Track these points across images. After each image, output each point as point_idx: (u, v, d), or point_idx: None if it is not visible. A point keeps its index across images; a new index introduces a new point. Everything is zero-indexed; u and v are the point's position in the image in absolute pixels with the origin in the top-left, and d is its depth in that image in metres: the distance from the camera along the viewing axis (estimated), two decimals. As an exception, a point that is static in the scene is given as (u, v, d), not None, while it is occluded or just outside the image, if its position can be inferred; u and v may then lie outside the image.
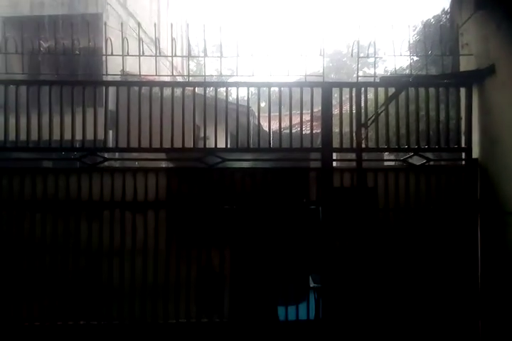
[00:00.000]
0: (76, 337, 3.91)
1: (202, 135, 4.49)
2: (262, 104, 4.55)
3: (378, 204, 4.07)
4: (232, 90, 4.50)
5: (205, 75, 4.32)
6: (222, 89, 4.37)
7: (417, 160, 4.15)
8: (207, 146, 4.29)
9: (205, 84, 4.25)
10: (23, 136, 4.04)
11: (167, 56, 4.64)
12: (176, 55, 4.57)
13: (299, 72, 4.33)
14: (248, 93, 4.49)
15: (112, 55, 4.21)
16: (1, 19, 8.98)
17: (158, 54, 4.23)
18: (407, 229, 4.05)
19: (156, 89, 4.19)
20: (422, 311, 4.00)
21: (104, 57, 4.46)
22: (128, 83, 4.18)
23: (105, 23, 7.99)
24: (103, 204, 4.01)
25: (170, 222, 4.06)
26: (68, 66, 4.40)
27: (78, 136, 4.11)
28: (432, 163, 4.13)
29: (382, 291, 3.99)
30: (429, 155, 4.18)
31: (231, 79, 4.32)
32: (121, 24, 4.78)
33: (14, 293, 3.92)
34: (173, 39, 4.33)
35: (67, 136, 4.10)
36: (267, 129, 4.44)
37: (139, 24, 5.28)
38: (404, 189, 4.08)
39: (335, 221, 3.99)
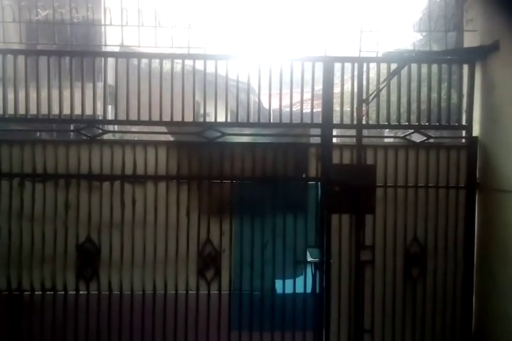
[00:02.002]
0: (80, 305, 3.97)
1: (202, 112, 4.46)
2: (263, 81, 4.51)
3: (376, 180, 4.07)
4: (233, 65, 4.46)
5: (205, 48, 4.24)
6: (223, 65, 4.31)
7: (417, 138, 4.16)
8: (200, 120, 4.25)
9: (205, 57, 4.18)
10: (21, 110, 3.99)
11: (167, 27, 4.54)
12: (176, 26, 4.47)
13: (301, 48, 4.29)
14: (249, 69, 4.43)
15: (110, 24, 4.13)
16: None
17: (158, 25, 4.15)
18: (404, 206, 4.09)
19: (156, 63, 4.13)
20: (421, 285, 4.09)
21: (102, 29, 4.39)
22: (127, 54, 4.12)
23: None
24: (103, 177, 4.00)
25: (169, 195, 4.05)
26: (66, 37, 4.31)
27: (77, 109, 4.07)
28: (432, 140, 4.14)
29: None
30: (430, 132, 4.18)
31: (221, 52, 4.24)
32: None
33: (12, 260, 3.94)
34: (157, 11, 4.21)
35: (66, 108, 4.06)
36: (267, 106, 4.41)
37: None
38: (404, 166, 4.10)
39: (333, 196, 4.00)
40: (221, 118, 4.24)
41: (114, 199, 4.02)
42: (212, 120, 4.14)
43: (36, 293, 3.95)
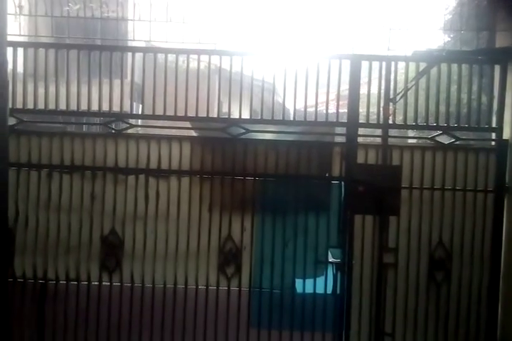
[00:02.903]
0: (103, 296, 4.03)
1: (226, 108, 4.47)
2: (288, 79, 4.49)
3: (401, 182, 4.01)
4: (258, 63, 4.45)
5: (215, 43, 4.23)
6: (248, 62, 4.30)
7: (445, 139, 4.07)
8: (224, 116, 4.25)
9: (231, 53, 4.18)
10: (51, 103, 4.08)
11: (193, 23, 4.57)
12: (202, 22, 4.50)
13: (328, 46, 4.26)
14: (275, 67, 4.42)
15: (139, 20, 4.19)
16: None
17: (169, 20, 4.18)
18: (430, 209, 4.01)
19: (182, 59, 4.16)
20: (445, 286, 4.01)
21: (130, 24, 4.45)
22: (154, 49, 4.17)
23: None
24: (128, 170, 4.05)
25: (193, 190, 4.08)
26: (95, 31, 4.39)
27: (105, 104, 4.14)
28: (460, 142, 4.05)
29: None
30: (458, 134, 4.09)
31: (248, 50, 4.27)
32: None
33: (38, 249, 4.02)
34: (185, 7, 4.26)
35: (94, 103, 4.13)
36: (292, 104, 4.40)
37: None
38: (431, 168, 4.02)
39: (357, 197, 3.96)
40: (245, 116, 4.25)
41: (139, 192, 4.07)
42: (237, 117, 4.14)
43: (60, 282, 4.03)
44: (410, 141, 4.76)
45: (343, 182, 4.04)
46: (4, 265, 3.59)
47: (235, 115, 4.19)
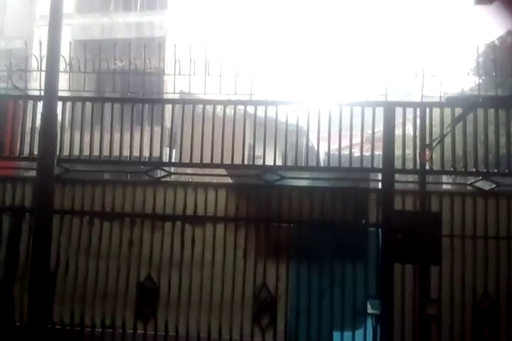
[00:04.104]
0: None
1: (261, 156, 4.55)
2: (322, 125, 4.55)
3: (442, 229, 3.89)
4: (291, 110, 4.57)
5: (251, 93, 4.38)
6: (279, 108, 4.41)
7: (485, 185, 3.96)
8: (259, 164, 4.33)
9: (266, 103, 4.32)
10: (95, 152, 4.30)
11: (215, 75, 4.77)
12: (224, 74, 4.70)
13: (362, 91, 4.32)
14: (309, 112, 4.51)
15: (179, 74, 4.43)
16: (73, 42, 9.73)
17: (207, 74, 4.40)
18: (473, 258, 3.84)
19: (218, 109, 4.33)
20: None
21: (161, 77, 4.71)
22: (192, 101, 4.36)
23: (160, 45, 8.43)
24: (165, 217, 4.14)
25: (228, 237, 4.10)
26: (130, 85, 4.64)
27: (141, 152, 4.32)
28: (501, 188, 3.93)
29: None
30: (499, 179, 3.97)
31: (281, 98, 4.41)
32: (175, 46, 5.03)
33: (76, 295, 4.09)
34: (222, 60, 4.50)
35: (135, 151, 4.31)
36: (325, 150, 4.44)
37: (189, 46, 5.48)
38: (472, 215, 3.89)
39: (395, 245, 3.85)
40: (280, 163, 4.31)
41: (175, 239, 4.12)
42: (266, 162, 4.20)
43: (96, 329, 4.05)
44: (449, 186, 4.64)
45: (380, 230, 3.96)
46: (45, 311, 3.66)
47: (270, 162, 4.26)
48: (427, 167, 3.98)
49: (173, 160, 4.44)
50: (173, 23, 10.33)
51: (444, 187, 4.49)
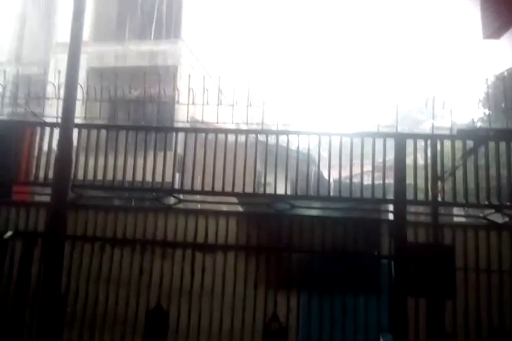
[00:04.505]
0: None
1: (264, 181, 4.58)
2: (326, 153, 4.59)
3: (455, 262, 3.85)
4: (296, 138, 4.63)
5: (262, 123, 4.47)
6: (292, 139, 4.48)
7: (498, 218, 3.95)
8: (270, 192, 4.34)
9: (277, 132, 4.39)
10: (108, 178, 4.35)
11: (228, 105, 4.89)
12: (236, 104, 4.81)
13: (365, 122, 4.39)
14: (319, 141, 4.57)
15: (179, 103, 4.54)
16: (88, 69, 10.00)
17: (220, 103, 4.51)
18: (488, 292, 3.78)
19: (227, 137, 4.40)
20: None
21: (174, 105, 4.82)
22: (200, 130, 4.44)
23: (174, 76, 8.69)
24: (176, 244, 4.13)
25: (238, 265, 4.07)
26: (143, 113, 4.75)
27: (150, 178, 4.36)
28: (515, 221, 3.90)
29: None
30: (512, 212, 3.96)
31: (292, 128, 4.52)
32: (189, 76, 5.19)
33: (86, 321, 4.04)
34: (234, 90, 4.63)
35: (139, 178, 4.35)
36: (333, 178, 4.47)
37: (204, 77, 5.65)
38: (486, 248, 3.85)
39: (408, 277, 3.81)
40: (283, 188, 4.31)
41: (185, 267, 4.10)
42: (274, 190, 4.21)
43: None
44: (461, 218, 4.62)
45: (392, 261, 3.92)
46: (55, 336, 3.60)
47: (280, 190, 4.28)
48: (439, 199, 3.97)
49: (184, 188, 4.49)
50: (186, 52, 10.63)
51: (456, 219, 4.46)
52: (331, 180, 4.43)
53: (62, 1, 11.24)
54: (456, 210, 4.66)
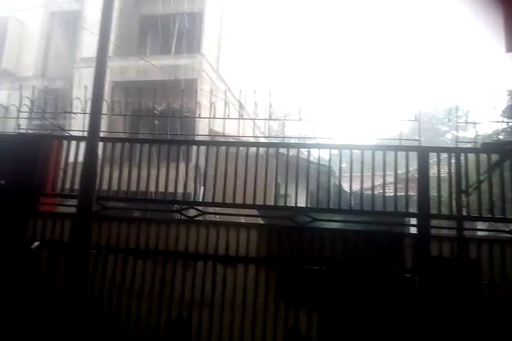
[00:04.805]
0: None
1: (285, 193, 4.59)
2: (345, 165, 4.57)
3: (482, 277, 3.76)
4: (319, 152, 4.64)
5: (284, 136, 4.49)
6: (311, 152, 4.49)
7: (525, 232, 3.85)
8: (289, 204, 4.35)
9: (298, 146, 4.42)
10: (132, 190, 4.42)
11: (250, 119, 4.95)
12: (257, 118, 4.87)
13: (387, 133, 4.38)
14: (340, 154, 4.55)
15: (200, 117, 4.61)
16: (111, 83, 10.25)
17: (241, 116, 4.57)
18: (515, 308, 3.67)
19: (248, 150, 4.44)
20: None
21: (195, 118, 4.91)
22: (222, 143, 4.49)
23: (196, 90, 8.83)
24: (197, 256, 4.16)
25: (259, 278, 4.07)
26: (165, 126, 4.84)
27: (171, 189, 4.41)
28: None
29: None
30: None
31: (312, 141, 4.54)
32: (211, 91, 5.30)
33: (108, 331, 4.07)
34: (255, 104, 4.69)
35: (161, 189, 4.40)
36: (354, 191, 4.44)
37: (225, 91, 5.75)
38: (512, 263, 3.77)
39: (433, 292, 3.73)
40: (302, 200, 4.31)
41: (207, 278, 4.11)
42: (293, 202, 4.21)
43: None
44: (486, 233, 4.52)
45: (416, 277, 3.85)
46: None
47: (293, 198, 4.27)
48: (464, 213, 3.91)
49: (206, 200, 4.53)
50: (206, 66, 10.82)
51: (481, 233, 4.36)
52: (353, 194, 4.41)
53: (86, 18, 11.61)
54: (481, 224, 4.56)
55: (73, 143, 4.59)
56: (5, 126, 4.79)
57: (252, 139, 4.79)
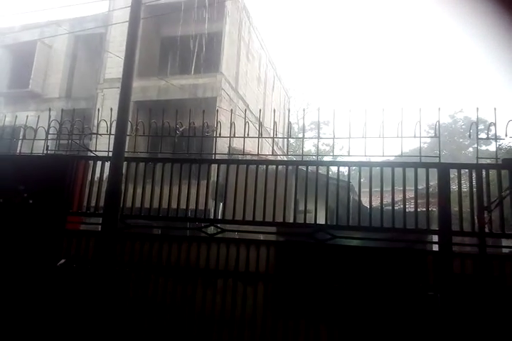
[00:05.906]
0: None
1: (305, 211, 4.61)
2: (364, 179, 4.57)
3: (506, 296, 3.68)
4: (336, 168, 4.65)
5: (302, 154, 4.53)
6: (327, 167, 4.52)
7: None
8: (308, 221, 4.36)
9: (318, 163, 4.47)
10: (154, 208, 4.53)
11: (269, 137, 5.01)
12: (276, 137, 4.94)
13: (404, 149, 4.37)
14: (360, 171, 4.57)
15: (220, 136, 4.71)
16: (133, 103, 10.54)
17: (261, 135, 4.64)
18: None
19: (267, 168, 4.51)
20: None
21: (215, 136, 5.02)
22: (241, 161, 4.57)
23: (217, 110, 9.01)
24: (218, 273, 4.20)
25: (278, 296, 4.08)
26: (186, 143, 4.94)
27: (192, 207, 4.48)
28: None
29: None
30: None
31: (328, 158, 4.58)
32: (231, 110, 5.42)
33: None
34: (274, 122, 4.77)
35: (183, 206, 4.49)
36: (374, 207, 4.45)
37: (245, 110, 5.85)
38: (539, 281, 3.68)
39: (456, 311, 3.67)
40: (321, 215, 4.31)
41: (227, 296, 4.14)
42: (313, 218, 4.23)
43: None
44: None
45: (439, 295, 3.80)
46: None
47: (313, 214, 4.29)
48: (487, 229, 3.86)
49: (226, 217, 4.59)
50: (225, 85, 11.05)
51: (505, 250, 4.28)
52: (373, 211, 4.41)
53: (109, 41, 12.05)
54: (504, 241, 4.48)
55: (98, 163, 4.76)
56: (34, 146, 4.97)
57: (271, 157, 4.82)
